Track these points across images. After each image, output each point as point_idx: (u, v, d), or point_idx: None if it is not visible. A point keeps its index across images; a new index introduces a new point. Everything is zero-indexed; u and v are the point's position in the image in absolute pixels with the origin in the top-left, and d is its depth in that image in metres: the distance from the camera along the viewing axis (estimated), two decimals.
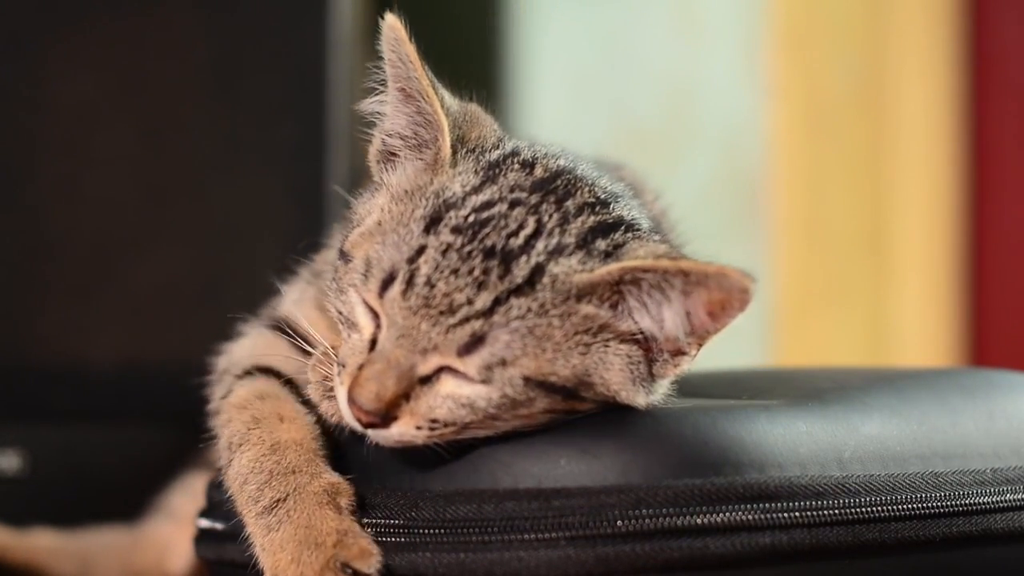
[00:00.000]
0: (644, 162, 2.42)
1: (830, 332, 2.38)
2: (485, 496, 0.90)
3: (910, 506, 0.93)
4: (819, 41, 2.36)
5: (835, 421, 0.96)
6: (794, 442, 0.93)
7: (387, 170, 0.99)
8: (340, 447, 0.97)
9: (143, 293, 1.64)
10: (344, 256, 0.95)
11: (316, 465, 0.95)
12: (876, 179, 2.40)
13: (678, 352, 0.92)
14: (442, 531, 0.90)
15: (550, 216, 0.92)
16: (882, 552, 0.93)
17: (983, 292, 2.50)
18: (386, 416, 0.89)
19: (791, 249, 2.34)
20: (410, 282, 0.89)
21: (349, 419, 0.91)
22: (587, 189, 0.95)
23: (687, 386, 1.08)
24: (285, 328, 1.04)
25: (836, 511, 0.91)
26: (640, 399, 0.92)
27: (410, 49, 0.95)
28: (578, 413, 0.91)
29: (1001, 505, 0.97)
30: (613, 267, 0.90)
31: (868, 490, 0.92)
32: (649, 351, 0.92)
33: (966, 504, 0.95)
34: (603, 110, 2.39)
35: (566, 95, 2.41)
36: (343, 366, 0.92)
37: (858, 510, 0.91)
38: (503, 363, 0.88)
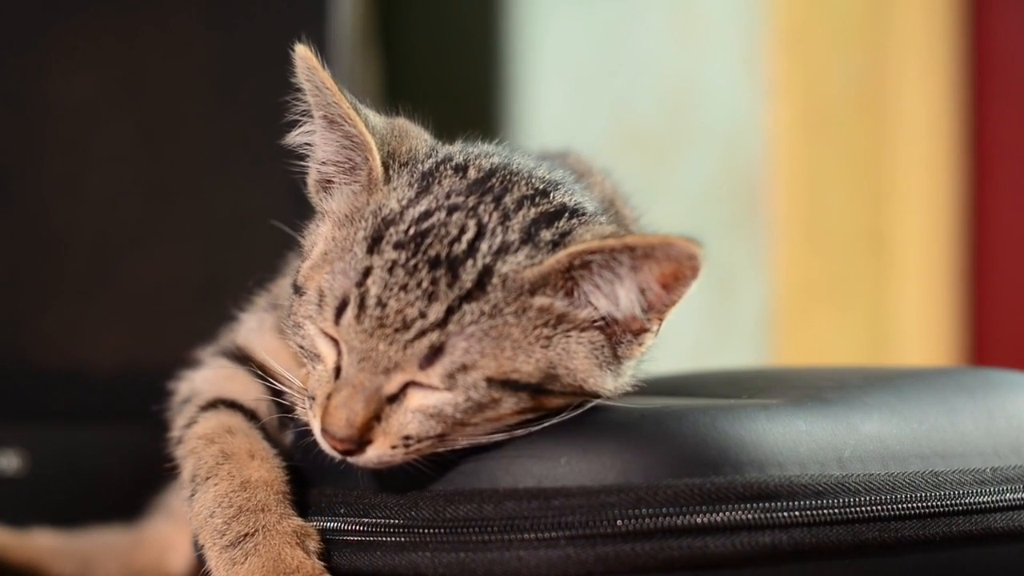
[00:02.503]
0: (644, 162, 2.43)
1: (830, 332, 2.38)
2: (485, 496, 0.90)
3: (910, 505, 0.93)
4: (819, 41, 2.36)
5: (835, 420, 0.96)
6: (794, 441, 0.93)
7: (326, 198, 0.98)
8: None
9: (143, 293, 1.64)
10: (298, 290, 0.95)
11: (285, 507, 0.95)
12: (876, 179, 2.40)
13: (641, 330, 0.92)
14: (442, 531, 0.90)
15: (490, 216, 0.92)
16: (882, 551, 0.93)
17: (983, 291, 2.50)
18: (361, 441, 0.89)
19: (791, 249, 2.34)
20: (362, 305, 0.89)
21: (327, 449, 0.91)
22: (524, 182, 0.95)
23: (687, 386, 1.08)
24: (245, 358, 1.04)
25: (836, 510, 0.91)
26: (608, 383, 0.92)
27: (325, 76, 0.95)
28: (550, 411, 0.91)
29: (1001, 504, 0.97)
30: (561, 255, 0.90)
31: (868, 489, 0.92)
32: (612, 334, 0.92)
33: (966, 503, 0.95)
34: (603, 110, 2.39)
35: (566, 95, 2.41)
36: (313, 398, 0.92)
37: (858, 509, 0.91)
38: (464, 368, 0.88)
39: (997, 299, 2.50)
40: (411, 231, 0.91)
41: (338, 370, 0.91)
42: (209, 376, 1.06)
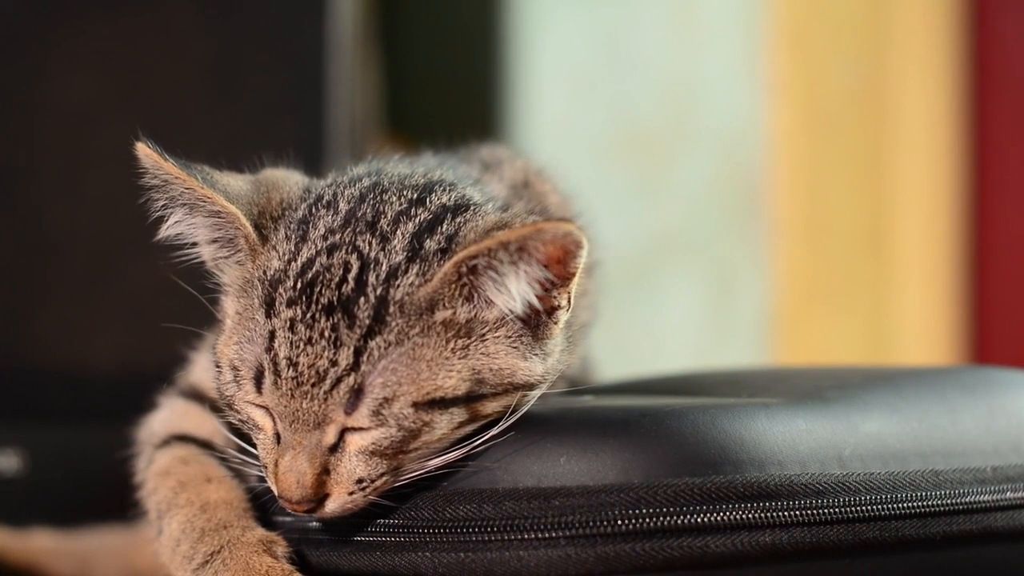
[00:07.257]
0: (644, 162, 2.43)
1: (830, 332, 2.38)
2: (485, 496, 0.90)
3: (910, 504, 0.93)
4: (820, 39, 2.36)
5: (835, 419, 0.96)
6: (794, 440, 0.93)
7: (221, 275, 0.98)
8: None
9: (143, 294, 1.64)
10: (217, 366, 0.95)
11: (248, 521, 0.95)
12: (877, 178, 2.40)
13: (551, 309, 0.91)
14: (442, 531, 0.90)
15: (369, 244, 0.91)
16: (882, 550, 0.92)
17: (984, 290, 2.50)
18: (317, 498, 0.90)
19: (791, 249, 2.34)
20: (276, 370, 0.89)
21: (291, 511, 0.91)
22: (396, 197, 0.94)
23: (687, 385, 1.08)
24: (199, 396, 1.05)
25: (836, 509, 0.91)
26: (537, 369, 0.92)
27: (169, 167, 0.94)
28: (489, 418, 0.91)
29: (1001, 503, 0.97)
30: (447, 267, 0.89)
31: (868, 488, 0.92)
32: (526, 322, 0.91)
33: (966, 502, 0.95)
34: (603, 110, 2.39)
35: (566, 95, 2.41)
36: (266, 468, 0.92)
37: (858, 508, 0.91)
38: (387, 402, 0.88)
39: (997, 298, 2.50)
40: (298, 284, 0.90)
41: (278, 435, 0.91)
42: (164, 417, 1.07)
